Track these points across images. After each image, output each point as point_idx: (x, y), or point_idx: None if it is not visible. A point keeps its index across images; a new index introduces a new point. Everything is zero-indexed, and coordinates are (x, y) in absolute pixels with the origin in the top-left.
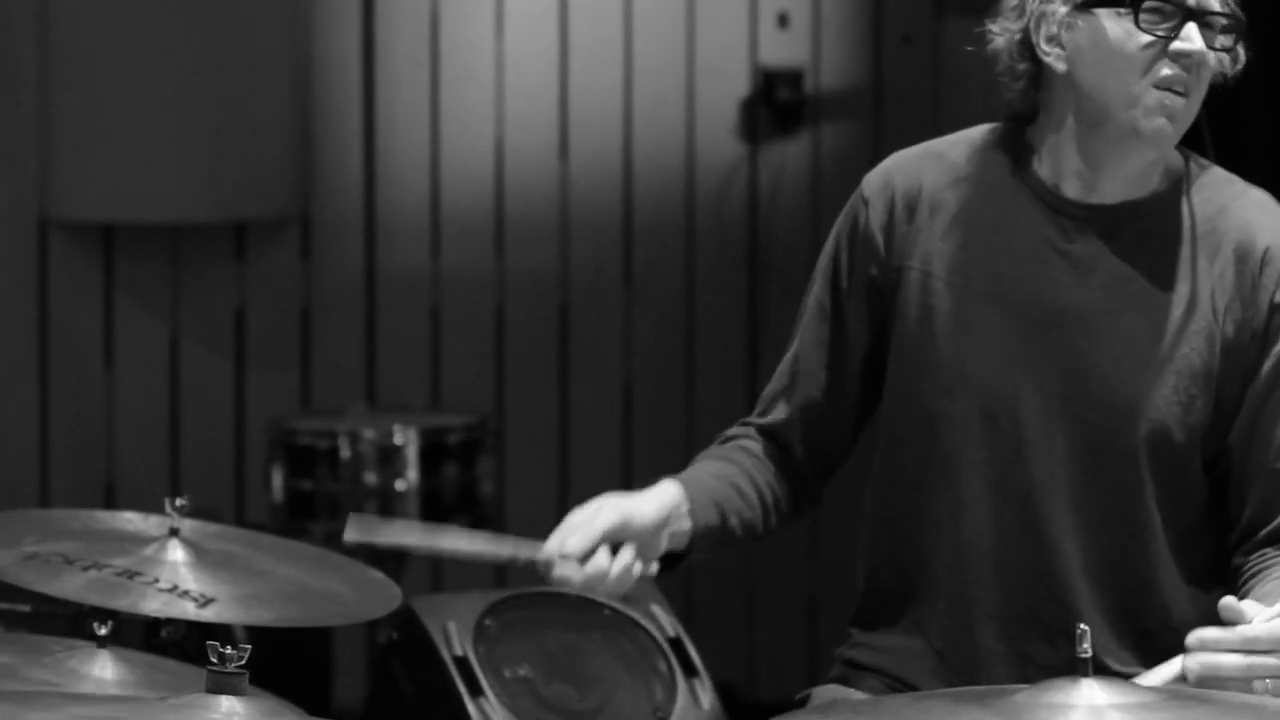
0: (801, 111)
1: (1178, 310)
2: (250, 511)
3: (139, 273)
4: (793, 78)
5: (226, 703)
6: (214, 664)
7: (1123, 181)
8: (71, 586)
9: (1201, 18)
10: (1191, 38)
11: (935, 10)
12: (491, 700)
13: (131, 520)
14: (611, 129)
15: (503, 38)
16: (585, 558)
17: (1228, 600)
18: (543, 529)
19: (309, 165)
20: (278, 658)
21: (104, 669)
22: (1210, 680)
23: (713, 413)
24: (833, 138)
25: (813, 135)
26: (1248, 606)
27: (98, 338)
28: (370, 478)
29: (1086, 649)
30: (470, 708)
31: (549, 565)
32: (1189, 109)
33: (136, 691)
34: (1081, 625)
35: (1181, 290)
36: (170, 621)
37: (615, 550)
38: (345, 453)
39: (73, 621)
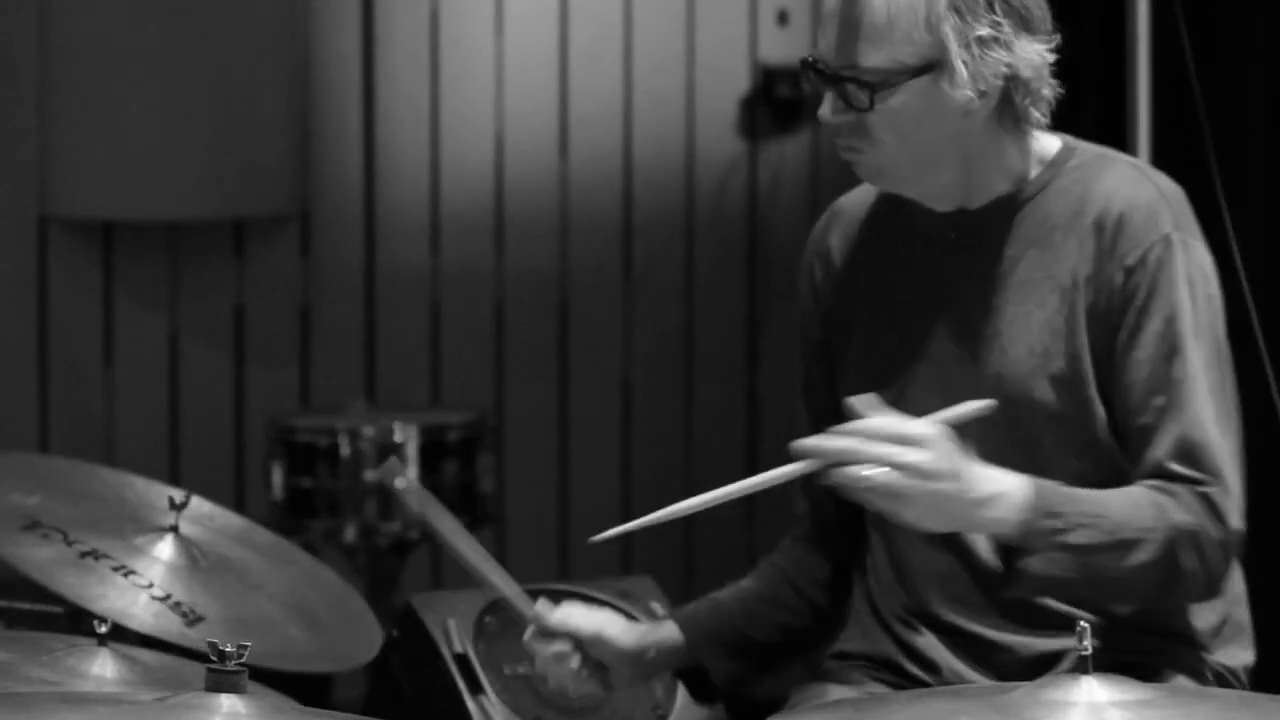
0: (801, 109)
1: (1048, 294)
2: (250, 509)
3: (138, 270)
4: (792, 75)
5: (227, 700)
6: (214, 662)
7: (977, 188)
8: (66, 582)
9: (836, 86)
10: (821, 111)
11: None
12: (491, 698)
13: (134, 486)
14: (611, 126)
15: (502, 35)
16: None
17: (856, 400)
18: (542, 526)
19: (309, 162)
20: None
21: (104, 667)
22: (815, 454)
23: (712, 410)
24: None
25: (812, 133)
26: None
27: (97, 335)
28: (370, 475)
29: (1087, 646)
30: (470, 705)
31: (531, 622)
32: (876, 159)
33: (136, 689)
34: (1082, 622)
35: (1050, 273)
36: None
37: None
38: (345, 450)
39: (72, 619)
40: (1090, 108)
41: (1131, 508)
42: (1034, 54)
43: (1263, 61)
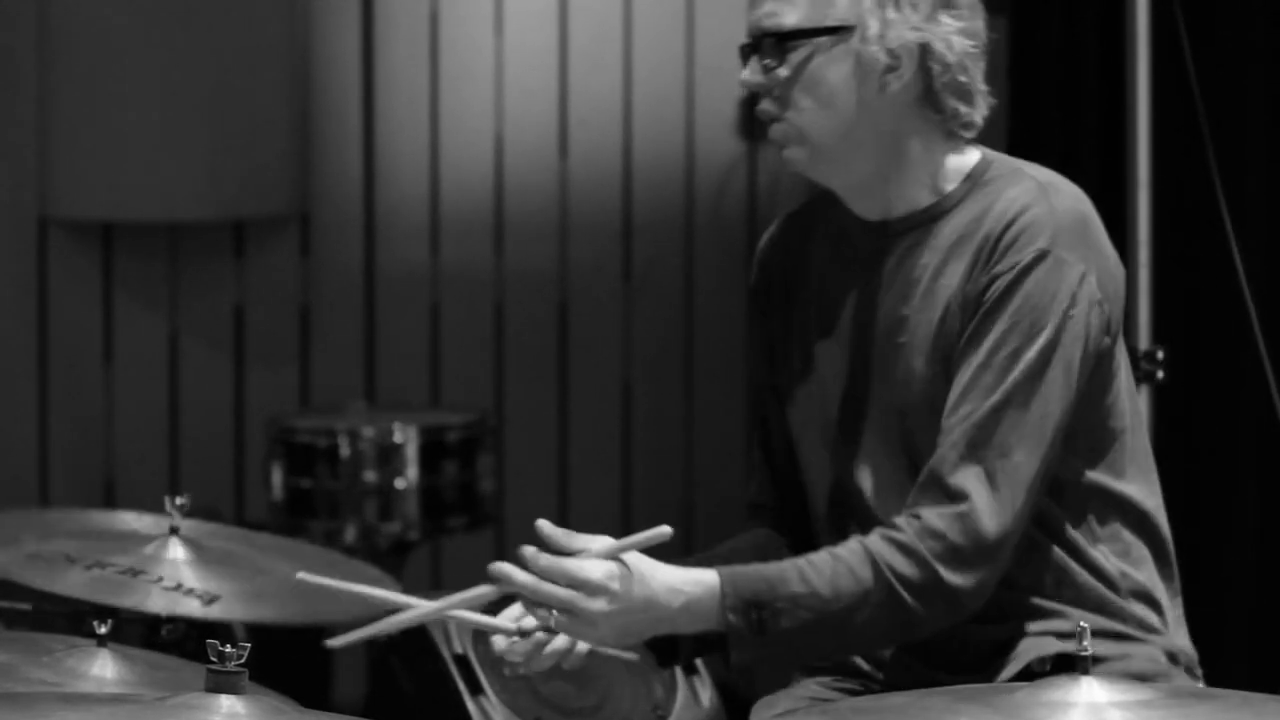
0: None
1: (938, 313)
2: (250, 510)
3: (138, 271)
4: None
5: (227, 701)
6: (214, 662)
7: (892, 198)
8: (74, 585)
9: (757, 48)
10: (743, 73)
11: None
12: (491, 698)
13: (130, 520)
14: (611, 127)
15: (502, 36)
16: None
17: (544, 525)
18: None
19: (308, 163)
20: (277, 656)
21: (104, 668)
22: (505, 582)
23: (711, 410)
24: None
25: None
26: (586, 541)
27: (97, 336)
28: (370, 476)
29: (1087, 646)
30: (470, 706)
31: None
32: (795, 124)
33: (136, 690)
34: (1082, 623)
35: (944, 291)
36: (171, 621)
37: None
38: (345, 451)
39: (73, 620)
40: (1090, 108)
41: (845, 573)
42: (953, 33)
43: (1262, 61)
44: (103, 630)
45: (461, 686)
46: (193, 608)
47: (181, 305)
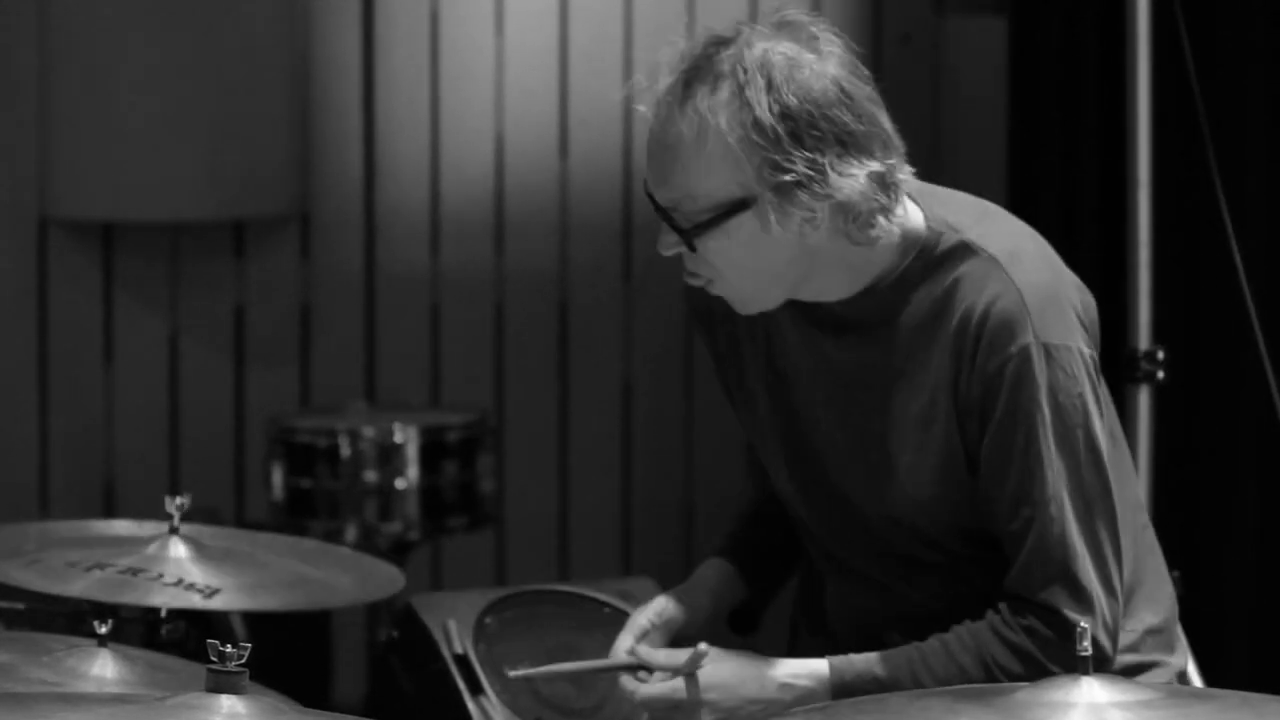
0: None
1: (910, 403)
2: (250, 510)
3: (138, 271)
4: None
5: (227, 701)
6: (214, 662)
7: (841, 285)
8: (77, 586)
9: (664, 219)
10: (659, 243)
11: (935, 9)
12: (491, 698)
13: (128, 527)
14: (611, 127)
15: (502, 36)
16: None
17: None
18: (541, 527)
19: (308, 163)
20: (278, 655)
21: (104, 667)
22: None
23: (712, 411)
24: None
25: None
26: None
27: (97, 336)
28: (370, 476)
29: (1086, 647)
30: (470, 706)
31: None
32: (723, 288)
33: (137, 690)
34: (1082, 624)
35: (923, 375)
36: (171, 621)
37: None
38: (345, 451)
39: (72, 620)
40: (1090, 108)
41: (956, 671)
42: (860, 178)
43: (1262, 62)
44: (103, 630)
45: (461, 686)
46: (194, 600)
47: (182, 305)
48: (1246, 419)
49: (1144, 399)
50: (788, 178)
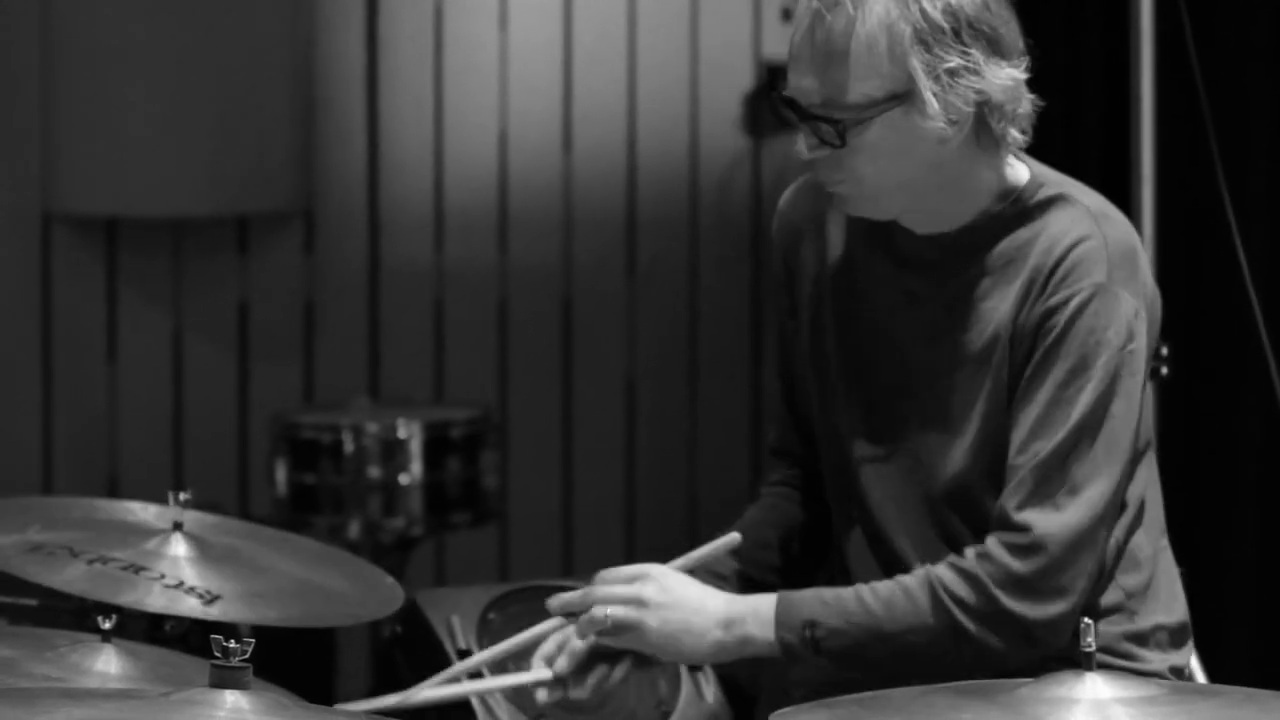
0: None
1: (984, 335)
2: (253, 505)
3: (142, 266)
4: None
5: (231, 697)
6: (218, 658)
7: (935, 216)
8: (75, 579)
9: (809, 122)
10: (798, 147)
11: None
12: (496, 695)
13: (134, 510)
14: (615, 123)
15: (506, 31)
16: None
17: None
18: (545, 522)
19: (312, 159)
20: (281, 651)
21: (108, 663)
22: (561, 607)
23: (716, 406)
24: None
25: None
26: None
27: (101, 332)
28: (374, 472)
29: (1090, 643)
30: (474, 701)
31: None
32: (855, 190)
33: (140, 686)
34: (1085, 620)
35: (990, 314)
36: (174, 617)
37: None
38: (349, 447)
39: (76, 615)
40: (1092, 108)
41: (901, 596)
42: (1005, 78)
43: (1265, 57)
44: (107, 625)
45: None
46: (192, 606)
47: (185, 301)
48: (1249, 414)
49: (1148, 395)
50: (948, 67)
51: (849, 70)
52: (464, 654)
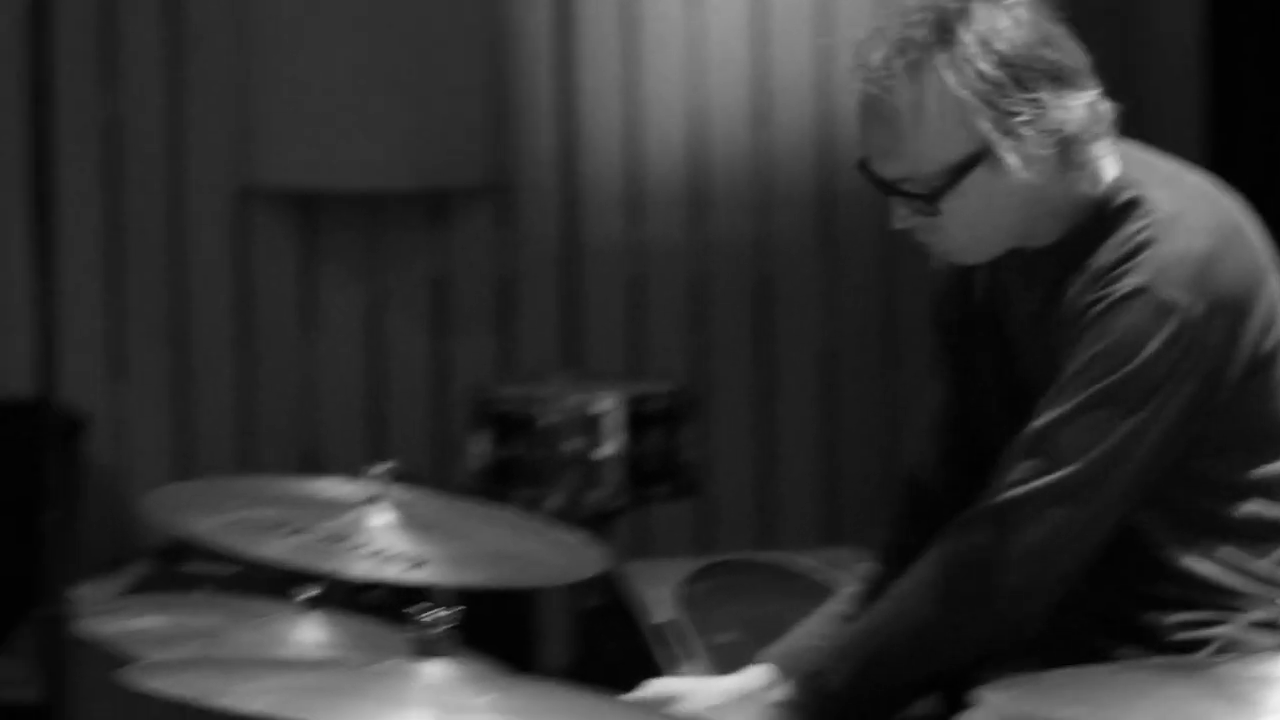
0: None
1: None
2: (452, 478)
3: (338, 240)
4: None
5: (432, 667)
6: (420, 628)
7: (1051, 230)
8: (277, 551)
9: (892, 195)
10: (894, 218)
11: None
12: (699, 666)
13: (332, 487)
14: (809, 97)
15: (699, 5)
16: None
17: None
18: (744, 496)
19: (507, 135)
20: (482, 622)
21: (310, 632)
22: None
23: (915, 377)
24: None
25: None
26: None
27: (297, 305)
28: (571, 445)
29: None
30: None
31: None
32: (955, 245)
33: (342, 654)
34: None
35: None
36: (373, 586)
37: None
38: (547, 420)
39: (279, 584)
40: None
41: (881, 600)
42: (1078, 107)
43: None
44: (310, 595)
45: (667, 653)
46: (398, 572)
47: (381, 275)
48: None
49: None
50: (1016, 121)
51: (920, 147)
52: (667, 626)
